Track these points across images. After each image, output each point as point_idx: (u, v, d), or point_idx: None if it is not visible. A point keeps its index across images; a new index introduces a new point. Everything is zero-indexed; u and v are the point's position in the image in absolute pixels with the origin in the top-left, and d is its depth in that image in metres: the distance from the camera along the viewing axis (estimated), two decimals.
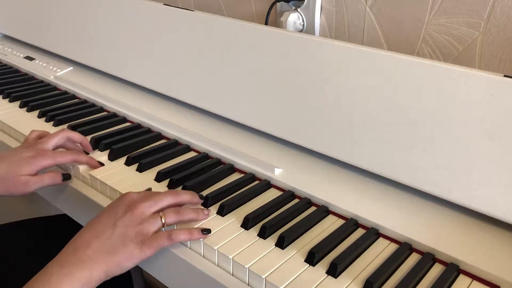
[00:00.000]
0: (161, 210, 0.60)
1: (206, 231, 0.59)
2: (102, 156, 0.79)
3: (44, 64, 1.19)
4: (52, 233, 0.94)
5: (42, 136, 0.77)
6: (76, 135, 0.78)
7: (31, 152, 0.71)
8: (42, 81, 1.13)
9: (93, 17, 1.10)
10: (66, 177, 0.74)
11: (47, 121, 0.93)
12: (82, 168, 0.75)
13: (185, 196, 0.63)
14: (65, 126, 0.90)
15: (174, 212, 0.60)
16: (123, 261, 0.56)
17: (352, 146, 0.69)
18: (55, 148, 0.75)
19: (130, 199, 0.60)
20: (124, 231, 0.56)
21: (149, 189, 0.68)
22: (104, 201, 0.69)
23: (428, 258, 0.57)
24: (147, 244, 0.57)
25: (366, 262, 0.57)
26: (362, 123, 0.68)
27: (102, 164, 0.76)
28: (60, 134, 0.75)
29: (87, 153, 0.79)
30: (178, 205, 0.63)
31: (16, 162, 0.69)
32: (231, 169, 0.75)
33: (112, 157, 0.78)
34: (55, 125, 0.91)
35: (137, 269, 0.90)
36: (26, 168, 0.69)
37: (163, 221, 0.58)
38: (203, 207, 0.65)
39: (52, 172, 0.72)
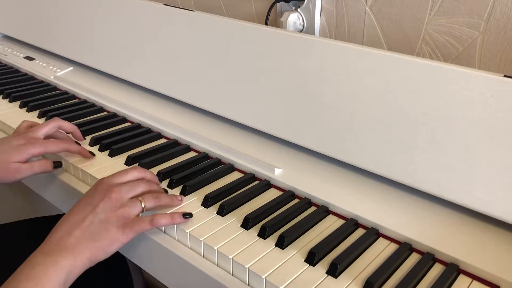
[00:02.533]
0: (137, 196, 0.61)
1: (188, 215, 0.61)
2: (102, 156, 0.79)
3: (44, 64, 1.19)
4: None
5: (33, 125, 0.77)
6: (67, 125, 0.78)
7: (22, 140, 0.71)
8: (42, 81, 1.13)
9: (93, 17, 1.10)
10: (57, 164, 0.74)
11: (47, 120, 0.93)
12: (82, 166, 0.75)
13: (156, 187, 0.66)
14: None
15: (152, 197, 0.61)
16: (106, 245, 0.57)
17: (352, 146, 0.69)
18: (46, 137, 0.76)
19: (105, 184, 0.61)
20: (105, 216, 0.57)
21: None
22: None
23: (428, 258, 0.57)
24: (128, 227, 0.58)
25: (366, 262, 0.57)
26: (362, 123, 0.68)
27: (93, 154, 0.77)
28: (51, 123, 0.76)
29: (79, 144, 0.80)
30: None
31: (7, 150, 0.70)
32: (231, 169, 0.75)
33: (112, 157, 0.78)
34: None
35: (137, 269, 0.90)
36: (16, 156, 0.70)
37: (143, 206, 0.60)
38: (177, 195, 0.66)
39: (43, 160, 0.73)
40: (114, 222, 0.57)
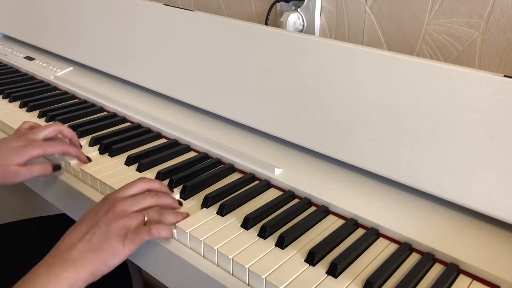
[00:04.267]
0: (143, 209, 0.60)
1: None
2: (102, 156, 0.79)
3: (44, 64, 1.19)
4: (52, 233, 0.93)
5: (34, 127, 0.77)
6: (66, 130, 0.78)
7: (21, 142, 0.71)
8: (42, 81, 1.13)
9: (93, 17, 1.10)
10: (57, 167, 0.74)
11: (47, 121, 0.93)
12: (82, 167, 0.75)
13: (166, 199, 0.64)
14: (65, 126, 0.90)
15: (157, 212, 0.61)
16: (107, 257, 0.56)
17: (352, 146, 0.69)
18: (45, 140, 0.75)
19: (111, 199, 0.61)
20: (107, 228, 0.57)
21: None
22: None
23: (428, 258, 0.57)
24: (129, 238, 0.57)
25: (366, 262, 0.57)
26: (362, 123, 0.68)
27: (90, 160, 0.77)
28: (51, 127, 0.76)
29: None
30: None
31: (6, 152, 0.70)
32: (231, 169, 0.75)
33: (112, 157, 0.78)
34: None
35: (137, 269, 0.90)
36: (15, 158, 0.70)
37: (146, 219, 0.59)
38: (183, 212, 0.65)
39: (42, 163, 0.73)
40: (115, 233, 0.57)
